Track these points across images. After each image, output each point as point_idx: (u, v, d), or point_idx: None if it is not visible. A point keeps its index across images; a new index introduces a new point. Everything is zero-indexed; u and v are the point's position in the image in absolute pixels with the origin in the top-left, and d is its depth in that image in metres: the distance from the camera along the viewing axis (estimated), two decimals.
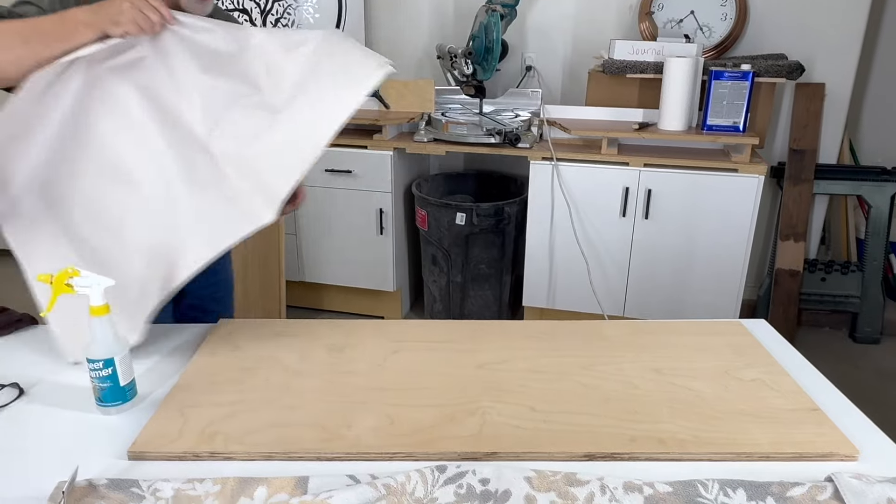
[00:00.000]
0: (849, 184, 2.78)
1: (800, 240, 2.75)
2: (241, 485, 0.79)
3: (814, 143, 2.72)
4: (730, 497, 0.77)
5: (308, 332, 1.17)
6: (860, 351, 2.75)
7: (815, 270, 2.83)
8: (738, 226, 2.38)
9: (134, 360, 0.97)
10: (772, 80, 2.40)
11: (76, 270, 0.89)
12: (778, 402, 0.97)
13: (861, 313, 2.80)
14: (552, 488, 0.78)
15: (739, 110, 2.31)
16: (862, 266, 2.81)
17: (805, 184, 2.73)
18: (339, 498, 0.73)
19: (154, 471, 0.83)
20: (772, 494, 0.78)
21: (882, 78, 3.19)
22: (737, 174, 2.32)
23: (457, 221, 2.57)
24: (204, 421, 0.91)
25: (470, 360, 1.09)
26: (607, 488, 0.78)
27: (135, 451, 0.85)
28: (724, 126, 2.34)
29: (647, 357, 1.10)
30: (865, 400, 0.99)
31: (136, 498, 0.77)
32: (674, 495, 0.77)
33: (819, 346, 1.15)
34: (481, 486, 0.78)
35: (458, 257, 2.66)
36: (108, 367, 0.91)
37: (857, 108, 3.14)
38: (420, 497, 0.76)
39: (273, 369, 1.05)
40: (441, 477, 0.79)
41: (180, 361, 1.09)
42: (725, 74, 2.28)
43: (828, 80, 2.70)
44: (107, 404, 0.94)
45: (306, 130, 1.05)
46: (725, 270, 2.45)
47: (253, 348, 1.12)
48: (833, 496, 0.77)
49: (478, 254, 2.65)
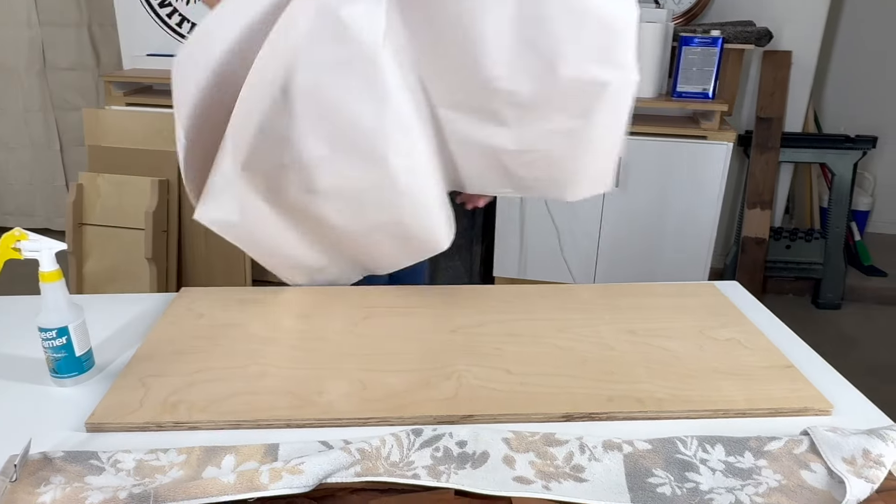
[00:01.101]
0: (813, 152, 2.81)
1: (766, 208, 2.79)
2: (207, 454, 0.76)
3: (780, 111, 2.74)
4: (708, 452, 0.77)
5: (275, 300, 1.13)
6: (823, 316, 2.82)
7: (780, 238, 2.88)
8: (707, 194, 2.39)
9: (90, 330, 0.92)
10: (740, 46, 2.40)
11: (23, 234, 0.83)
12: (752, 360, 0.97)
13: (824, 280, 2.86)
14: (531, 448, 0.76)
15: (709, 77, 2.30)
16: (825, 233, 2.86)
17: (771, 152, 2.75)
18: (311, 463, 0.70)
19: (114, 442, 0.78)
20: (749, 449, 0.78)
21: (845, 47, 3.23)
22: (706, 141, 2.32)
23: None
24: (166, 390, 0.87)
25: (444, 324, 1.06)
26: (586, 447, 0.77)
27: (93, 423, 0.81)
28: (694, 93, 2.34)
29: (622, 319, 1.09)
30: (829, 363, 1.00)
31: (95, 470, 0.73)
32: (653, 452, 0.76)
33: (783, 312, 1.16)
34: (458, 448, 0.76)
35: None
36: (61, 337, 0.86)
37: (821, 77, 3.18)
38: (396, 461, 0.74)
39: (239, 337, 1.01)
40: (417, 440, 0.77)
41: (140, 331, 1.04)
42: (695, 40, 2.27)
43: (794, 49, 2.72)
44: (62, 376, 0.89)
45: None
46: (694, 239, 2.46)
47: (218, 316, 1.07)
48: (809, 449, 0.77)
49: None
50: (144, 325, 1.06)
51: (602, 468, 0.74)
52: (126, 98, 2.67)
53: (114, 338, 1.02)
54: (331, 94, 0.89)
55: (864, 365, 2.43)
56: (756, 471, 0.74)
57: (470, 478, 0.72)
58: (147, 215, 2.48)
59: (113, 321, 1.07)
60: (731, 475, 0.74)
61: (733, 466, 0.75)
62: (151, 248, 2.49)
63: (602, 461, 0.75)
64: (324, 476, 0.70)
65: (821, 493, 0.71)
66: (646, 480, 0.72)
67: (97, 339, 1.00)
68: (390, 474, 0.71)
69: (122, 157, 2.60)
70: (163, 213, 2.56)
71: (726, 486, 0.72)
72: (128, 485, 0.69)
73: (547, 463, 0.75)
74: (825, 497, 0.71)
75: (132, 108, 2.65)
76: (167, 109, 2.61)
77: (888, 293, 2.95)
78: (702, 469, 0.74)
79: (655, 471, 0.74)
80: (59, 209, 3.35)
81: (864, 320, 2.79)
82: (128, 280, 2.58)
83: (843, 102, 3.27)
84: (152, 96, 2.74)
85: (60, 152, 3.31)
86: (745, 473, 0.74)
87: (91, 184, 2.57)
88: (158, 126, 2.57)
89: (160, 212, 2.53)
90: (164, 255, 2.60)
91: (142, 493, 0.67)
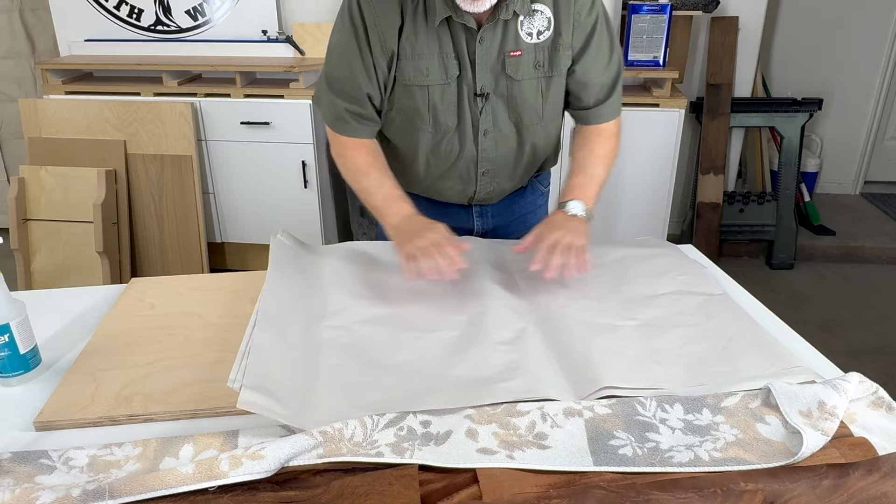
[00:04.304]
0: (762, 116, 2.87)
1: (719, 173, 2.84)
2: (164, 445, 0.74)
3: (729, 77, 2.78)
4: (667, 412, 0.78)
5: (231, 286, 1.11)
6: (776, 276, 2.90)
7: (733, 202, 2.94)
8: (661, 161, 2.42)
9: (34, 326, 0.88)
10: (688, 13, 2.42)
11: None
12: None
13: (776, 241, 2.94)
14: (493, 420, 0.77)
15: (659, 44, 2.32)
16: (776, 196, 2.93)
17: (722, 118, 2.80)
18: (272, 448, 0.68)
19: (65, 440, 0.76)
20: (707, 406, 0.79)
21: (790, 11, 3.28)
22: (658, 109, 2.35)
23: None
24: (119, 383, 0.84)
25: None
26: (548, 416, 0.77)
27: (42, 422, 0.78)
28: (645, 61, 2.35)
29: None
30: (784, 321, 1.03)
31: (45, 469, 0.70)
32: (613, 416, 0.77)
33: (738, 274, 1.19)
34: (423, 428, 0.76)
35: None
36: (3, 335, 0.83)
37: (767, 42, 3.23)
38: (359, 441, 0.73)
39: (194, 325, 0.99)
40: (381, 421, 0.76)
41: (90, 325, 1.01)
42: (644, 8, 2.28)
43: (740, 14, 2.75)
44: (6, 375, 0.85)
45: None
46: (650, 206, 2.50)
47: (170, 306, 1.04)
48: (764, 403, 0.79)
49: None
50: (94, 319, 1.02)
51: (564, 434, 0.74)
52: (65, 86, 2.56)
53: (62, 333, 0.99)
54: None
55: (817, 320, 2.51)
56: (714, 427, 0.76)
57: (434, 453, 0.72)
58: (95, 207, 2.40)
59: (60, 316, 1.03)
60: (689, 433, 0.75)
61: (692, 424, 0.76)
62: (102, 240, 2.42)
63: (564, 427, 0.75)
64: (285, 460, 0.69)
65: (776, 445, 0.73)
66: (607, 443, 0.73)
67: (44, 335, 0.96)
68: (354, 454, 0.71)
69: (65, 147, 2.50)
70: (112, 205, 2.48)
71: (685, 444, 0.73)
72: (81, 482, 0.67)
73: (510, 433, 0.75)
74: (780, 448, 0.73)
75: (72, 97, 2.54)
76: (109, 97, 2.52)
77: (837, 251, 3.04)
78: (661, 428, 0.76)
79: (616, 433, 0.75)
80: (1, 206, 3.22)
81: (815, 278, 2.88)
82: (80, 275, 2.50)
83: (789, 66, 3.34)
84: (93, 83, 2.63)
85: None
86: (704, 430, 0.75)
87: (34, 177, 2.47)
88: (101, 114, 2.48)
89: (109, 203, 2.45)
90: (117, 247, 2.53)
91: (96, 489, 0.64)
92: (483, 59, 1.09)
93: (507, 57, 1.09)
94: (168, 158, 2.50)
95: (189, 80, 2.61)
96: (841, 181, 3.64)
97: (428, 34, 1.07)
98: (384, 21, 1.06)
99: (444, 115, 1.12)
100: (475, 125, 1.14)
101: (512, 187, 1.27)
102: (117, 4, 2.67)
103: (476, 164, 1.18)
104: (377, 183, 1.13)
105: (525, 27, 1.08)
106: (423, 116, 1.12)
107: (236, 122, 2.49)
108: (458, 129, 1.14)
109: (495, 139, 1.16)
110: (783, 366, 0.87)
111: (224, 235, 2.70)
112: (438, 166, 1.19)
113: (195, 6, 2.65)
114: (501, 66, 1.10)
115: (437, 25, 1.05)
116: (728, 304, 1.03)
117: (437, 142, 1.15)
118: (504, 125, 1.15)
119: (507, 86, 1.12)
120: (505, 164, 1.20)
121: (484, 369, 0.86)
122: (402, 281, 1.04)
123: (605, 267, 1.13)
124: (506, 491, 0.67)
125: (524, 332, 0.94)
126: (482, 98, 1.11)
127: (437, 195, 1.26)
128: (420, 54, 1.07)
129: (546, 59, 1.11)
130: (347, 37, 1.08)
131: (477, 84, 1.10)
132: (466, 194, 1.24)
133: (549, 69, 1.12)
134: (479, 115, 1.13)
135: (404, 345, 0.92)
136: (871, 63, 3.37)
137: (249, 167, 2.56)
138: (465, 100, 1.12)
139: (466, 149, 1.16)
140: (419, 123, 1.13)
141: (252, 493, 0.67)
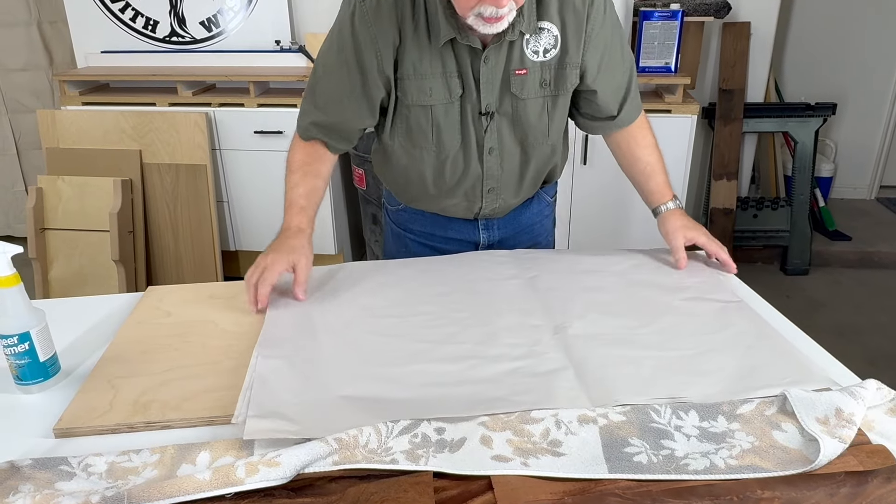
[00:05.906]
0: (776, 121, 2.85)
1: (732, 178, 2.82)
2: (181, 451, 0.74)
3: (742, 82, 2.77)
4: (682, 419, 0.78)
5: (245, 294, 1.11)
6: (791, 282, 2.87)
7: (747, 208, 2.92)
8: (673, 167, 2.39)
9: (53, 334, 0.89)
10: (700, 19, 2.42)
11: None
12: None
13: (790, 246, 2.92)
14: (508, 427, 0.77)
15: (670, 50, 2.32)
16: (790, 201, 2.91)
17: (735, 123, 2.78)
18: (287, 455, 0.69)
19: (84, 447, 0.77)
20: (722, 413, 0.79)
21: (802, 16, 3.27)
22: (670, 115, 2.34)
23: None
24: (136, 391, 0.85)
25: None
26: (562, 423, 0.77)
27: (61, 429, 0.79)
28: (657, 67, 2.35)
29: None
30: (799, 327, 1.02)
31: (65, 476, 0.71)
32: (628, 423, 0.77)
33: (753, 280, 1.18)
34: (437, 434, 0.76)
35: None
36: (24, 343, 0.84)
37: (780, 47, 3.21)
38: (374, 448, 0.73)
39: (210, 333, 1.00)
40: (395, 428, 0.76)
41: (107, 333, 1.02)
42: (655, 14, 2.28)
43: (752, 20, 2.74)
44: (27, 382, 0.86)
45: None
46: None
47: (186, 314, 1.05)
48: (780, 410, 0.79)
49: None
50: (111, 327, 1.03)
51: (579, 441, 0.74)
52: (82, 97, 2.60)
53: (80, 341, 1.00)
54: None
55: (833, 327, 2.49)
56: (729, 434, 0.76)
57: (448, 460, 0.72)
58: (111, 216, 2.43)
59: (78, 325, 1.05)
60: (705, 440, 0.75)
61: (707, 431, 0.76)
62: (118, 249, 2.44)
63: (578, 434, 0.75)
64: (301, 467, 0.69)
65: (793, 452, 0.73)
66: (622, 450, 0.73)
67: (62, 343, 0.97)
68: (368, 461, 0.71)
69: (82, 158, 2.54)
70: (128, 214, 2.50)
71: (701, 451, 0.73)
72: (100, 488, 0.68)
73: (524, 440, 0.75)
74: (797, 455, 0.72)
75: (89, 108, 2.58)
76: (125, 107, 2.55)
77: (853, 257, 3.01)
78: (676, 436, 0.75)
79: (631, 440, 0.74)
80: (20, 215, 3.26)
81: (830, 284, 2.85)
82: (96, 283, 2.53)
83: (802, 71, 3.32)
84: (109, 94, 2.67)
85: (17, 156, 3.21)
86: (719, 437, 0.75)
87: (51, 187, 2.51)
88: (117, 124, 2.51)
89: (125, 212, 2.48)
90: (132, 256, 2.55)
91: (115, 495, 0.65)
92: (488, 79, 1.08)
93: (513, 75, 1.08)
94: (183, 168, 2.53)
95: (203, 90, 2.64)
96: (856, 186, 3.61)
97: (431, 54, 1.06)
98: (381, 41, 1.04)
99: (449, 134, 1.12)
100: (480, 144, 1.14)
101: (518, 202, 1.27)
102: (133, 16, 2.71)
103: (482, 182, 1.18)
104: (292, 185, 1.17)
105: (531, 45, 1.07)
106: (426, 136, 1.12)
107: (250, 132, 2.51)
108: (462, 148, 1.14)
109: (500, 157, 1.16)
110: (802, 374, 0.86)
111: (238, 244, 2.72)
112: (443, 184, 1.19)
113: (209, 17, 2.69)
114: (506, 85, 1.09)
115: (440, 46, 1.05)
116: (745, 312, 1.02)
117: (442, 161, 1.15)
118: (509, 143, 1.15)
119: (512, 104, 1.11)
120: (510, 181, 1.20)
121: (498, 385, 0.86)
122: (411, 293, 1.05)
123: (621, 275, 1.13)
124: (521, 498, 0.67)
125: (538, 344, 0.94)
126: (487, 117, 1.11)
127: (442, 211, 1.26)
128: (423, 74, 1.07)
129: (552, 77, 1.11)
130: (336, 55, 1.08)
131: (482, 103, 1.10)
132: (472, 210, 1.24)
133: (555, 88, 1.11)
134: (483, 134, 1.12)
135: (417, 357, 0.92)
136: (885, 67, 3.35)
137: (263, 176, 2.58)
138: (470, 118, 1.11)
139: (471, 167, 1.16)
140: (423, 143, 1.13)
141: (268, 500, 0.67)
